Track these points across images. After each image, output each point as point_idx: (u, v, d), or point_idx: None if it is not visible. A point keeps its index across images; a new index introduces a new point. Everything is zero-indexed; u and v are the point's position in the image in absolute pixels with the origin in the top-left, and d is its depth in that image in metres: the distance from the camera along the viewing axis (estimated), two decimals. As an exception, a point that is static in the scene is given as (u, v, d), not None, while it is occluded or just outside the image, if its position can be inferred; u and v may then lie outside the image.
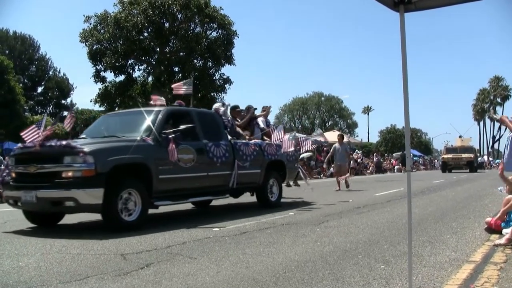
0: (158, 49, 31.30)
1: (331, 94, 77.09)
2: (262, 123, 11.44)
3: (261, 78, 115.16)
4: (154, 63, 31.61)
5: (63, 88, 52.39)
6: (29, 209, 7.32)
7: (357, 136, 71.96)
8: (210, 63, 32.09)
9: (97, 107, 35.04)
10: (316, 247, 5.76)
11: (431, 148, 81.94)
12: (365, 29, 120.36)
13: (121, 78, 32.03)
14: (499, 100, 79.24)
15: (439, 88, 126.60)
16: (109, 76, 32.18)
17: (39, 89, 51.97)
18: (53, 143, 6.99)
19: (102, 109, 33.42)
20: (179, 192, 8.08)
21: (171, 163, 7.63)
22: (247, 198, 11.79)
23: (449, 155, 36.06)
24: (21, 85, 38.08)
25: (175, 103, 9.46)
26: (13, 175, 7.34)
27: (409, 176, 3.84)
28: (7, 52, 44.97)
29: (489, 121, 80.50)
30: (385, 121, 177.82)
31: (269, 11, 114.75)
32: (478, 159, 53.08)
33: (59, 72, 53.71)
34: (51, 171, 6.76)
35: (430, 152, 76.80)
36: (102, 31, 29.87)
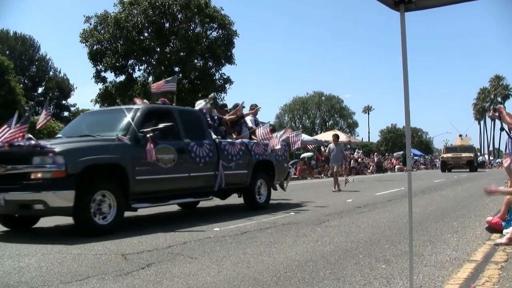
0: (158, 49, 31.32)
1: (332, 93, 77.25)
2: (250, 122, 11.02)
3: (261, 77, 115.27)
4: (154, 63, 31.64)
5: (64, 88, 52.43)
6: None
7: (358, 135, 72.02)
8: (210, 63, 32.12)
9: (97, 108, 35.07)
10: (317, 247, 5.76)
11: (431, 147, 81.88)
12: (365, 29, 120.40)
13: (122, 78, 32.08)
14: (499, 99, 79.22)
15: (440, 87, 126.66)
16: (110, 76, 32.26)
17: (40, 90, 52.04)
18: (22, 143, 6.68)
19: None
20: (158, 193, 7.74)
21: (150, 163, 7.28)
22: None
23: (449, 154, 35.59)
24: (21, 85, 38.09)
25: (159, 101, 9.14)
26: None
27: (409, 175, 3.84)
28: (8, 52, 45.01)
29: (489, 121, 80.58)
30: (385, 120, 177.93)
31: (269, 11, 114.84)
32: (479, 158, 53.02)
33: (60, 72, 53.81)
34: (20, 172, 6.39)
35: (430, 151, 76.73)
36: (102, 32, 29.90)
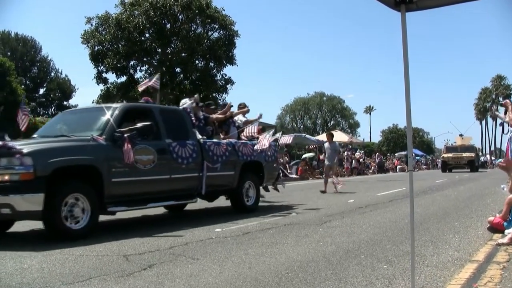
0: (159, 50, 31.33)
1: (333, 94, 77.25)
2: (240, 122, 10.67)
3: (262, 78, 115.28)
4: (155, 64, 31.63)
5: (65, 89, 52.47)
6: None
7: (359, 136, 72.02)
8: (211, 64, 32.11)
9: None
10: (318, 247, 5.75)
11: (433, 147, 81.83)
12: (366, 29, 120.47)
13: (123, 79, 32.07)
14: (501, 99, 79.09)
15: (441, 87, 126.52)
16: (111, 77, 32.23)
17: (41, 91, 52.08)
18: None
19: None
20: (137, 196, 7.40)
21: (127, 165, 6.93)
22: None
23: (450, 154, 34.94)
24: (23, 86, 38.12)
25: (141, 100, 8.86)
26: None
27: (411, 175, 3.84)
28: (9, 53, 45.09)
29: (491, 120, 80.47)
30: (387, 120, 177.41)
31: (270, 11, 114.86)
32: (481, 158, 52.75)
33: (61, 73, 53.83)
34: None
35: (432, 151, 76.70)
36: (103, 33, 29.93)
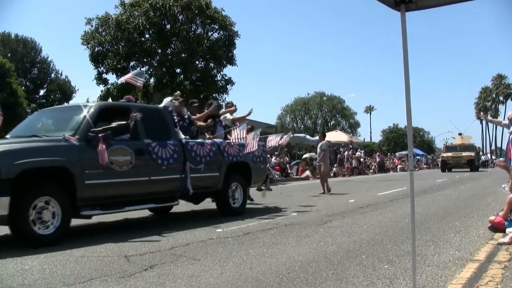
0: (159, 51, 31.32)
1: (333, 94, 77.28)
2: (227, 121, 10.27)
3: (263, 78, 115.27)
4: (155, 64, 31.65)
5: (65, 90, 52.43)
6: None
7: (360, 135, 72.10)
8: (211, 64, 32.11)
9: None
10: (319, 247, 5.75)
11: (433, 147, 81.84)
12: (366, 29, 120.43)
13: (123, 80, 32.05)
14: (501, 98, 79.12)
15: (441, 86, 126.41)
16: (111, 78, 32.24)
17: (41, 92, 52.02)
18: None
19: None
20: (113, 199, 7.08)
21: (101, 166, 6.61)
22: (248, 200, 11.78)
23: (449, 154, 34.45)
24: (23, 88, 38.20)
25: (123, 98, 8.60)
26: None
27: (412, 175, 3.84)
28: (9, 55, 45.04)
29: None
30: (387, 120, 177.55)
31: (270, 11, 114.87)
32: (482, 157, 52.51)
33: (61, 74, 53.76)
34: None
35: (432, 151, 76.71)
36: (103, 33, 29.93)
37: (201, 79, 31.51)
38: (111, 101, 8.92)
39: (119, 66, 30.74)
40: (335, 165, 31.08)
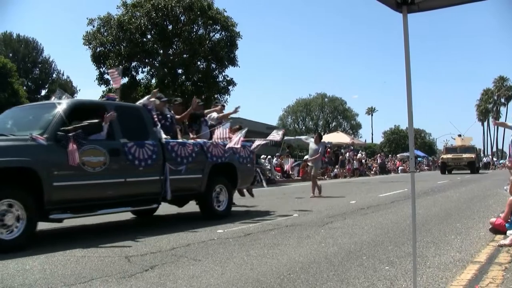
0: (161, 52, 31.35)
1: (335, 95, 77.28)
2: (213, 121, 9.81)
3: (264, 79, 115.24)
4: (157, 65, 31.68)
5: (67, 90, 52.18)
6: None
7: (361, 137, 72.12)
8: (213, 65, 32.12)
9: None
10: (320, 249, 5.75)
11: (435, 148, 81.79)
12: (368, 30, 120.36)
13: (125, 80, 32.06)
14: (503, 100, 79.08)
15: (443, 88, 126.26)
16: (112, 78, 32.30)
17: (43, 92, 52.07)
18: None
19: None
20: (85, 202, 6.68)
21: (72, 167, 6.25)
22: (249, 200, 11.81)
23: (449, 155, 33.37)
24: (25, 88, 38.27)
25: (105, 97, 8.11)
26: None
27: (413, 177, 3.84)
28: (11, 55, 45.18)
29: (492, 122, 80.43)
30: (388, 122, 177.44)
31: (272, 12, 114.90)
32: (484, 159, 52.23)
33: (63, 74, 53.97)
34: None
35: (434, 152, 76.65)
36: (105, 34, 29.96)
37: (202, 80, 31.51)
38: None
39: (120, 66, 30.76)
40: (337, 166, 31.08)
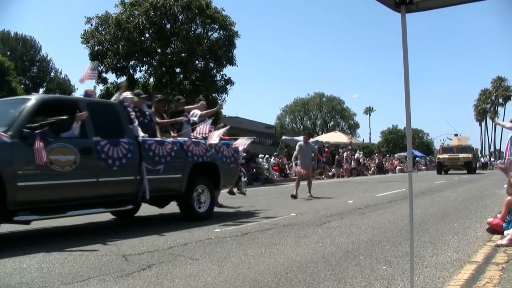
0: (159, 50, 31.31)
1: (333, 94, 77.42)
2: (195, 117, 9.48)
3: (262, 78, 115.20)
4: (155, 64, 31.63)
5: (65, 89, 52.41)
6: None
7: (359, 136, 72.12)
8: (211, 64, 32.09)
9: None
10: (318, 248, 5.76)
11: (432, 148, 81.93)
12: (366, 29, 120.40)
13: (123, 79, 32.02)
14: (500, 100, 79.22)
15: (441, 88, 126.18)
16: (111, 77, 32.21)
17: (41, 91, 51.91)
18: None
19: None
20: (53, 203, 6.34)
21: (38, 166, 5.94)
22: (245, 200, 11.81)
23: (445, 155, 33.06)
24: (22, 86, 38.19)
25: (83, 93, 8.01)
26: None
27: (410, 176, 3.85)
28: (9, 53, 45.11)
29: (490, 122, 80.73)
30: (386, 121, 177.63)
31: (271, 12, 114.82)
32: (481, 159, 52.14)
33: (61, 73, 53.92)
34: None
35: (431, 152, 76.79)
36: (103, 32, 29.90)
37: (200, 79, 31.48)
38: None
39: (118, 65, 30.73)
40: (333, 166, 31.09)
